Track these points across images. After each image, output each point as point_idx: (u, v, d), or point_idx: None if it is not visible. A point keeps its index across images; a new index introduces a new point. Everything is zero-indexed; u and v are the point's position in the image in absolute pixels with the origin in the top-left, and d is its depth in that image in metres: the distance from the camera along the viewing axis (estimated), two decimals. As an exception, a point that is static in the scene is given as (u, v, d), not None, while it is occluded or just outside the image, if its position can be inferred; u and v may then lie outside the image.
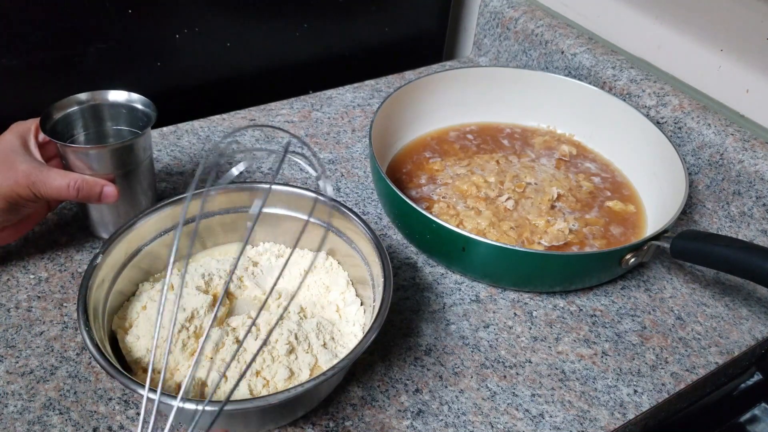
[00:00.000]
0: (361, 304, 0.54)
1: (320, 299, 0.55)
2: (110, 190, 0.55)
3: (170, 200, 0.54)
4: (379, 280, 0.49)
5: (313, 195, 0.55)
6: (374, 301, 0.50)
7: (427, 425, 0.50)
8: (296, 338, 0.49)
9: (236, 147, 0.76)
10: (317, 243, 0.57)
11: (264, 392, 0.46)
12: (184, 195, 0.54)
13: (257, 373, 0.47)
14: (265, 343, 0.38)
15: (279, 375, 0.46)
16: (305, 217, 0.56)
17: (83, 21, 0.71)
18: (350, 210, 0.54)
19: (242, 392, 0.46)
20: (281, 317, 0.50)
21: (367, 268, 0.52)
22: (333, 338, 0.51)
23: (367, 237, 0.52)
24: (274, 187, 0.56)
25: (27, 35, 0.69)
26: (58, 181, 0.53)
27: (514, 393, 0.53)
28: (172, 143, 0.76)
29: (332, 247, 0.57)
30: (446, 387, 0.53)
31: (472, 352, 0.56)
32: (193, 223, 0.56)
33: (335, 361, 0.46)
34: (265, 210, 0.57)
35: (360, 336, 0.49)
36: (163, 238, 0.54)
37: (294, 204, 0.56)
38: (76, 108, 0.58)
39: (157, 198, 0.67)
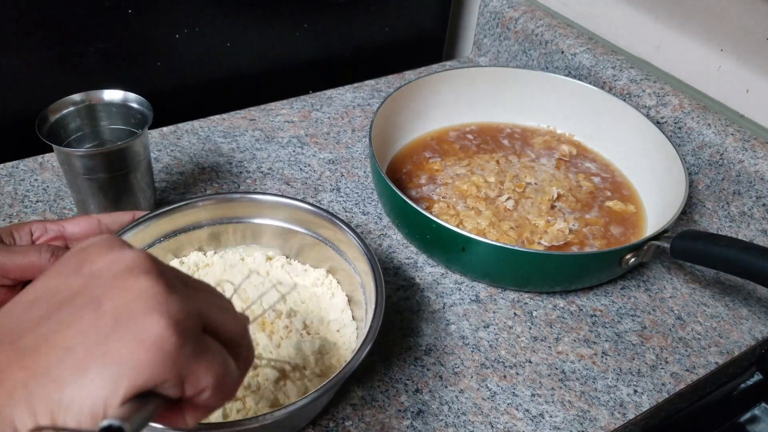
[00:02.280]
0: (357, 328, 0.52)
1: (325, 316, 0.54)
2: None
3: (153, 213, 0.52)
4: (371, 304, 0.47)
5: (310, 207, 0.54)
6: (365, 322, 0.48)
7: (427, 425, 0.50)
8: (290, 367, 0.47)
9: (236, 146, 0.76)
10: (319, 259, 0.56)
11: (238, 416, 0.45)
12: (168, 208, 0.53)
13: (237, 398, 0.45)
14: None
15: (260, 405, 0.45)
16: (304, 231, 0.55)
17: (83, 21, 0.71)
18: (347, 225, 0.52)
19: (215, 416, 0.44)
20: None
21: (362, 290, 0.51)
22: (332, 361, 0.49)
23: (364, 258, 0.50)
24: (273, 198, 0.55)
25: (27, 35, 0.69)
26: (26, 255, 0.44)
27: (514, 393, 0.53)
28: (172, 143, 0.75)
29: (332, 265, 0.56)
30: (446, 387, 0.53)
31: (472, 352, 0.56)
32: (199, 230, 0.55)
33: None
34: (266, 222, 0.56)
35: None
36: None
37: (293, 217, 0.55)
38: (71, 109, 0.58)
39: (156, 198, 0.67)
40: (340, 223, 0.52)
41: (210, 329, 0.28)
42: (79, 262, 0.28)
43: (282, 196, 0.55)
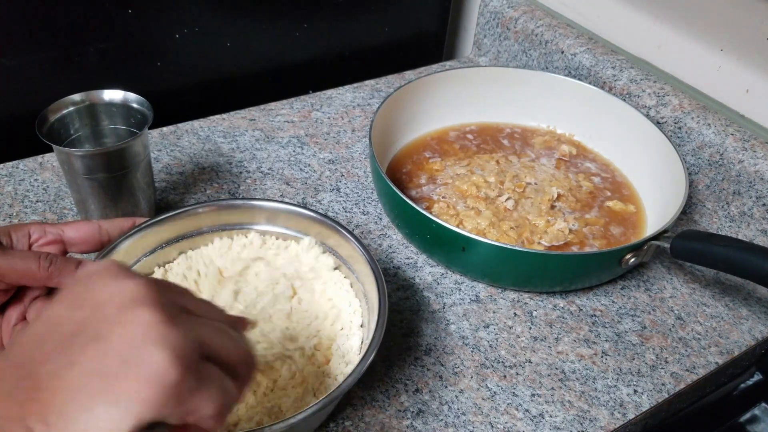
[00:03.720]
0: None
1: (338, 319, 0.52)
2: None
3: (154, 219, 0.51)
4: (374, 314, 0.47)
5: (313, 214, 0.53)
6: (368, 331, 0.48)
7: (427, 425, 0.50)
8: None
9: (235, 146, 0.76)
10: (331, 266, 0.54)
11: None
12: (169, 214, 0.52)
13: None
14: None
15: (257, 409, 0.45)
16: (306, 238, 0.54)
17: (83, 21, 0.71)
18: (351, 233, 0.51)
19: None
20: None
21: (365, 298, 0.51)
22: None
23: (368, 267, 0.49)
24: (276, 205, 0.54)
25: (27, 35, 0.69)
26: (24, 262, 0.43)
27: (514, 393, 0.53)
28: (172, 143, 0.76)
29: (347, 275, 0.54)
30: (446, 387, 0.53)
31: (472, 352, 0.56)
32: (202, 236, 0.54)
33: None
34: (269, 228, 0.55)
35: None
36: (147, 260, 0.52)
37: (296, 224, 0.54)
38: (71, 109, 0.58)
39: (156, 198, 0.67)
40: (344, 231, 0.52)
41: (210, 355, 0.30)
42: (83, 292, 0.29)
43: (285, 202, 0.55)
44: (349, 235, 0.52)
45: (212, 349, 0.30)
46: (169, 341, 0.27)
